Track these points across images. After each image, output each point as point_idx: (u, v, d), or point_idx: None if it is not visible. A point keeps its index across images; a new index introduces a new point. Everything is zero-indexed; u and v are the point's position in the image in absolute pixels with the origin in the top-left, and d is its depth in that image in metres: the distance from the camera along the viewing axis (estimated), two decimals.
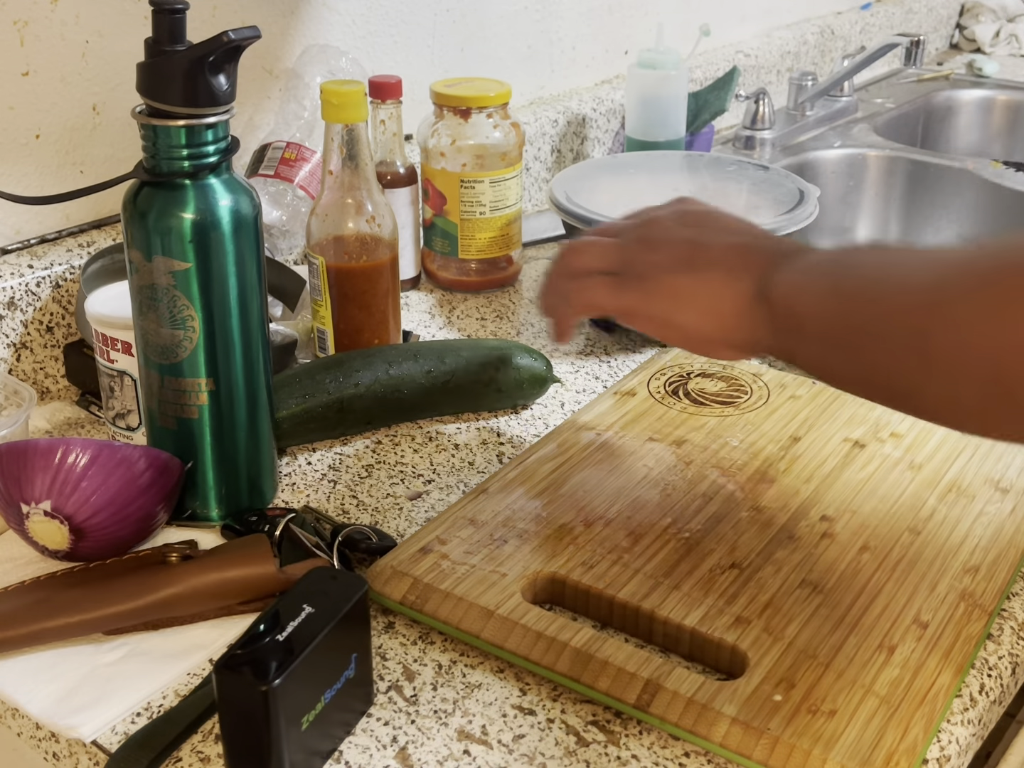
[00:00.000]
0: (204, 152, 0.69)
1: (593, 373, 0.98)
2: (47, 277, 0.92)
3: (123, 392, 0.83)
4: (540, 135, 1.35)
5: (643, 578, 0.68)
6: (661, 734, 0.60)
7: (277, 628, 0.56)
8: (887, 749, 0.56)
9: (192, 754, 0.59)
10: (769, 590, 0.67)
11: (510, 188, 1.10)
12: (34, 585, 0.68)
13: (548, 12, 1.40)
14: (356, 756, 0.59)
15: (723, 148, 1.57)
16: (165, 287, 0.70)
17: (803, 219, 0.99)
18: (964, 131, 1.95)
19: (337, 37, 1.16)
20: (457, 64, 1.30)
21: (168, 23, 0.67)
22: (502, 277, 1.14)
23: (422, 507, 0.79)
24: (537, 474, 0.78)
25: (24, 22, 0.90)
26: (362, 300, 0.90)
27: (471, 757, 0.59)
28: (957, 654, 0.63)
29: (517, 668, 0.64)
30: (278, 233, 1.06)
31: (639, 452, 0.81)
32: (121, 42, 0.96)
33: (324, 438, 0.86)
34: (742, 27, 1.74)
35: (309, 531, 0.73)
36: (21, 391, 0.82)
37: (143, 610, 0.66)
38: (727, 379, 0.91)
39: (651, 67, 1.28)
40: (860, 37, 1.95)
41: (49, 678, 0.63)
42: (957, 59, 2.11)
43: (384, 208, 0.90)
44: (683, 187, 1.09)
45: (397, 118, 1.07)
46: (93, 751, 0.60)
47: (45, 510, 0.68)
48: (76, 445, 0.68)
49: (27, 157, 0.93)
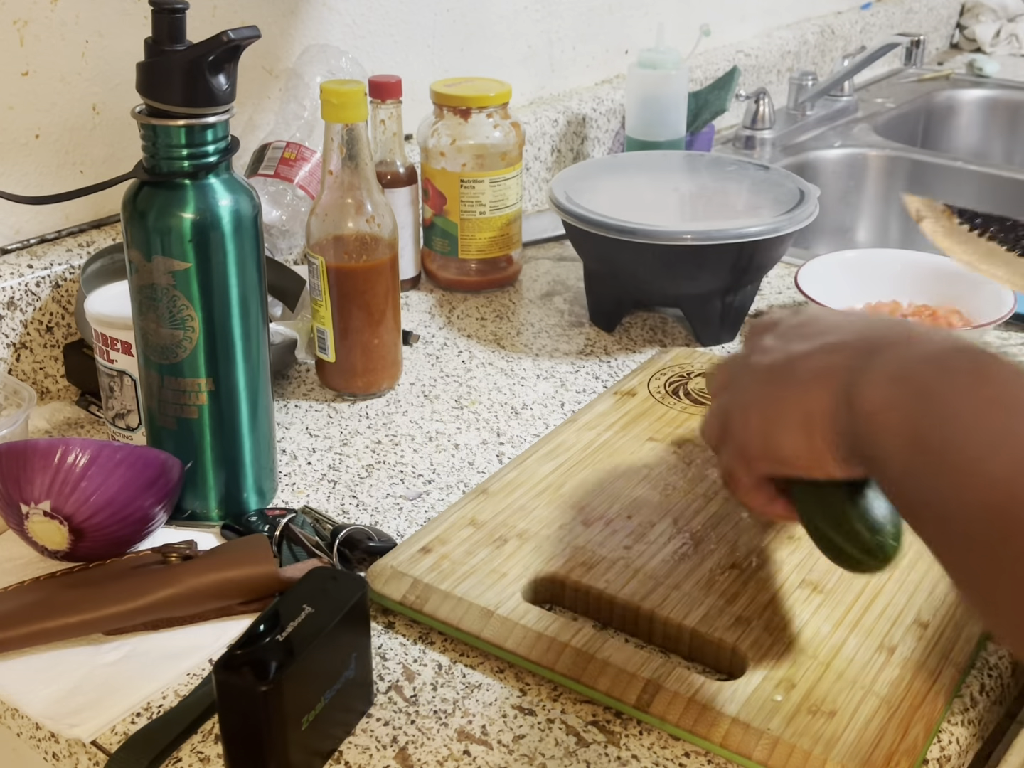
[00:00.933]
0: (204, 152, 0.69)
1: (593, 373, 0.98)
2: (47, 277, 0.92)
3: (123, 392, 0.83)
4: (540, 135, 1.35)
5: (643, 578, 0.67)
6: (661, 734, 0.60)
7: (277, 628, 0.56)
8: (887, 749, 0.56)
9: (192, 754, 0.59)
10: (769, 590, 0.67)
11: (510, 188, 1.10)
12: (34, 585, 0.68)
13: (548, 12, 1.40)
14: (356, 756, 0.59)
15: (723, 148, 1.57)
16: (165, 287, 0.70)
17: (803, 219, 0.99)
18: (964, 131, 1.95)
19: (337, 37, 1.16)
20: (457, 64, 1.30)
21: (168, 23, 0.67)
22: (502, 277, 1.14)
23: (422, 507, 0.79)
24: (537, 474, 0.78)
25: (24, 22, 0.90)
26: (362, 300, 0.90)
27: (471, 757, 0.59)
28: (957, 654, 0.63)
29: (517, 668, 0.64)
30: (278, 233, 1.06)
31: (639, 452, 0.81)
32: (121, 42, 0.96)
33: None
34: (742, 27, 1.74)
35: (309, 531, 0.73)
36: (21, 391, 0.82)
37: (143, 610, 0.66)
38: None
39: (651, 67, 1.28)
40: (860, 37, 1.95)
41: (49, 678, 0.63)
42: (957, 59, 2.11)
43: (384, 208, 0.90)
44: (683, 187, 1.09)
45: (397, 118, 1.07)
46: (93, 751, 0.60)
47: (45, 510, 0.68)
48: (76, 445, 0.68)
49: (27, 157, 0.93)
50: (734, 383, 0.64)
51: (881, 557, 0.59)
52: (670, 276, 0.99)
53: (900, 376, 0.52)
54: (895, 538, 0.59)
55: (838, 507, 0.59)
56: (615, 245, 0.97)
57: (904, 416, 0.50)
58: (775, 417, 0.59)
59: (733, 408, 0.63)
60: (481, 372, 0.98)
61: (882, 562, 0.59)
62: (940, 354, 0.52)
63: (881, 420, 0.52)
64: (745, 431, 0.61)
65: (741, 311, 1.03)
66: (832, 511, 0.60)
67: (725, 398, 0.65)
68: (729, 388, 0.64)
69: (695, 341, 1.03)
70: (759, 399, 0.61)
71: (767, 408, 0.60)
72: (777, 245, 0.99)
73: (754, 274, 1.00)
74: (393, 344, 0.93)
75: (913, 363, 0.52)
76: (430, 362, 1.00)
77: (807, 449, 0.58)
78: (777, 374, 0.60)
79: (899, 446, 0.50)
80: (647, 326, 1.06)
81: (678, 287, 1.00)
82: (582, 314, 1.09)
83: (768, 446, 0.60)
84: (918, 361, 0.52)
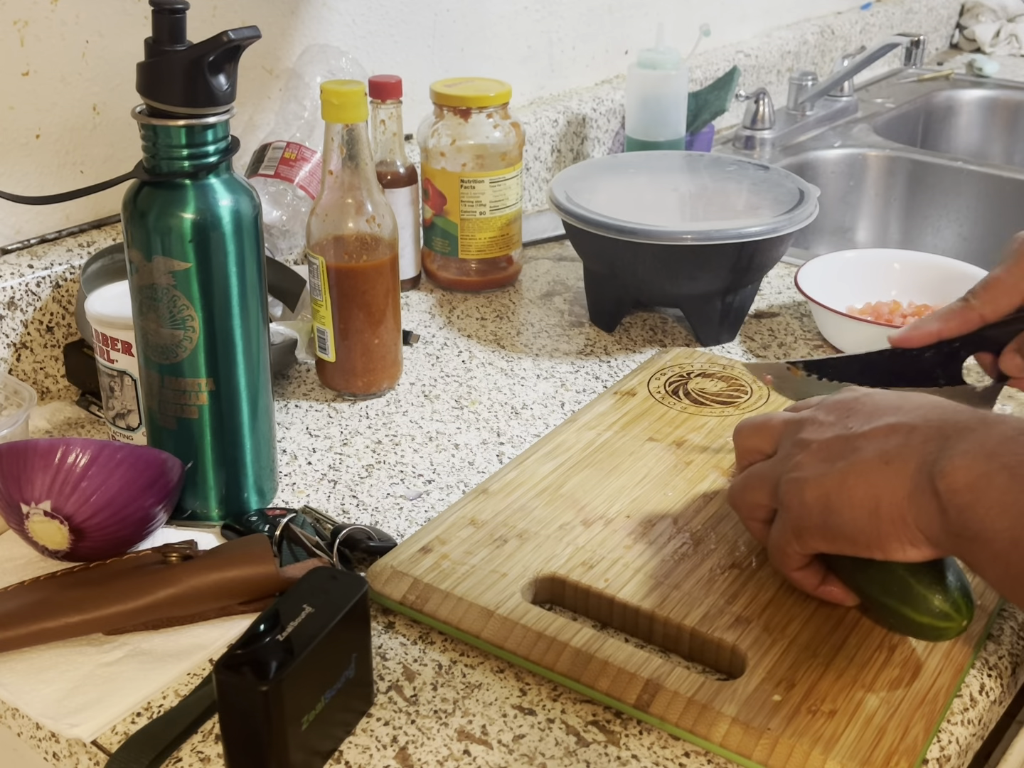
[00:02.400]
0: (204, 152, 0.69)
1: (593, 373, 0.98)
2: (47, 277, 0.92)
3: (123, 392, 0.83)
4: (540, 135, 1.35)
5: (643, 578, 0.68)
6: (661, 734, 0.60)
7: (277, 628, 0.56)
8: (887, 749, 0.56)
9: (192, 754, 0.59)
10: (769, 590, 0.67)
11: (510, 188, 1.10)
12: (34, 585, 0.68)
13: (548, 12, 1.40)
14: (356, 756, 0.59)
15: (723, 148, 1.57)
16: (165, 287, 0.70)
17: (803, 219, 0.99)
18: (964, 131, 1.95)
19: (337, 37, 1.16)
20: (457, 64, 1.30)
21: (168, 23, 0.67)
22: (502, 277, 1.14)
23: (422, 507, 0.79)
24: (537, 474, 0.78)
25: (24, 22, 0.90)
26: (362, 300, 0.90)
27: (471, 757, 0.59)
28: (957, 654, 0.63)
29: (517, 668, 0.64)
30: (278, 233, 1.06)
31: (639, 452, 0.81)
32: (121, 42, 0.96)
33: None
34: (742, 27, 1.74)
35: (309, 531, 0.73)
36: (21, 391, 0.82)
37: (143, 610, 0.66)
38: (727, 379, 0.91)
39: (651, 67, 1.28)
40: (860, 37, 1.95)
41: (49, 678, 0.63)
42: (957, 59, 2.11)
43: (384, 208, 0.90)
44: (683, 187, 1.09)
45: (397, 118, 1.07)
46: (93, 751, 0.60)
47: (45, 510, 0.68)
48: (76, 445, 0.68)
49: (27, 157, 0.93)
50: (784, 456, 0.63)
51: (961, 616, 0.59)
52: (670, 276, 0.99)
53: (987, 454, 0.53)
54: (965, 594, 0.59)
55: (903, 580, 0.60)
56: (615, 245, 0.97)
57: (1002, 491, 0.52)
58: (837, 495, 0.58)
59: (786, 482, 0.61)
60: (481, 372, 0.98)
61: (963, 620, 0.59)
62: (1021, 432, 0.54)
63: (975, 498, 0.52)
64: (801, 507, 0.60)
65: (741, 311, 1.03)
66: (898, 586, 0.60)
67: (767, 468, 0.64)
68: (778, 461, 0.63)
69: (695, 341, 1.03)
70: (818, 476, 0.60)
71: (828, 485, 0.59)
72: (777, 245, 0.99)
73: (754, 274, 1.00)
74: (393, 344, 0.93)
75: (996, 442, 0.54)
76: (430, 362, 1.00)
77: (872, 530, 0.57)
78: (837, 452, 0.60)
79: (1004, 520, 0.51)
80: (647, 326, 1.06)
81: (678, 287, 1.00)
82: (582, 314, 1.09)
83: (828, 524, 0.59)
84: (1001, 441, 0.54)
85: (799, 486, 0.60)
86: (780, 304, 1.11)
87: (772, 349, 1.01)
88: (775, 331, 1.05)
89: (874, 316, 1.01)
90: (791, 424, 0.65)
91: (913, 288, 1.06)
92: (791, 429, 0.65)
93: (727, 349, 1.01)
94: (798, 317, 1.08)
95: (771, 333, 1.05)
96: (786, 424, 0.66)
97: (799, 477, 0.61)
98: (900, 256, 1.09)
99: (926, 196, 1.62)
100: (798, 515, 0.61)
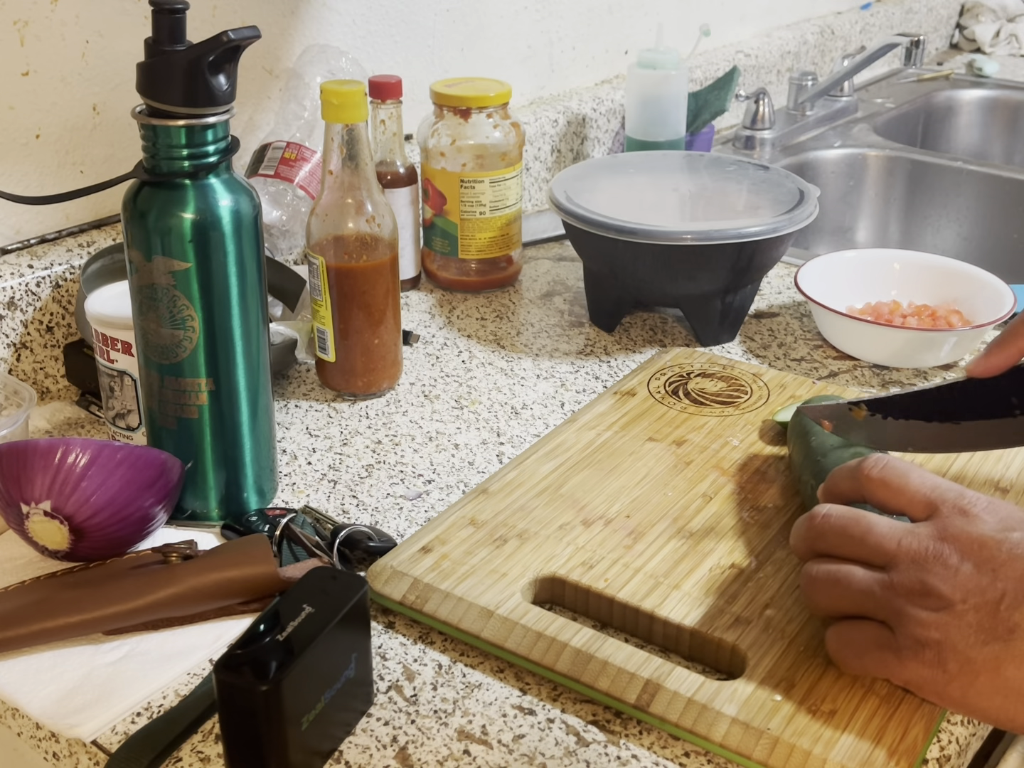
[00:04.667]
0: (204, 152, 0.69)
1: (593, 373, 0.98)
2: (47, 277, 0.92)
3: (123, 392, 0.83)
4: (540, 135, 1.35)
5: (643, 578, 0.68)
6: (661, 734, 0.60)
7: (277, 628, 0.56)
8: (887, 749, 0.56)
9: (192, 754, 0.59)
10: (769, 590, 0.67)
11: (510, 188, 1.11)
12: (34, 585, 0.68)
13: (548, 12, 1.40)
14: (356, 756, 0.59)
15: (723, 148, 1.57)
16: (165, 287, 0.70)
17: (803, 219, 0.99)
18: (964, 131, 1.95)
19: (337, 37, 1.16)
20: (457, 64, 1.30)
21: (168, 23, 0.67)
22: (502, 277, 1.14)
23: (422, 507, 0.79)
24: (537, 474, 0.78)
25: (24, 22, 0.90)
26: (362, 300, 0.90)
27: (471, 757, 0.59)
28: None
29: (517, 668, 0.64)
30: (278, 233, 1.06)
31: (639, 452, 0.81)
32: (121, 42, 0.96)
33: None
34: (742, 27, 1.75)
35: (309, 531, 0.73)
36: (21, 391, 0.82)
37: (143, 610, 0.66)
38: (727, 379, 0.91)
39: (651, 67, 1.28)
40: (860, 37, 1.95)
41: (49, 678, 0.63)
42: (957, 59, 2.11)
43: (384, 208, 0.90)
44: (683, 187, 1.09)
45: (397, 118, 1.07)
46: (93, 751, 0.60)
47: (45, 510, 0.68)
48: (76, 445, 0.68)
49: (27, 157, 0.93)
50: (908, 590, 0.55)
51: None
52: (670, 276, 0.99)
53: None
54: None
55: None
56: (615, 245, 0.97)
57: None
58: (989, 680, 0.53)
59: (913, 637, 0.55)
60: (481, 372, 0.98)
61: None
62: None
63: None
64: (938, 673, 0.54)
65: (741, 311, 1.03)
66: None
67: (876, 587, 0.56)
68: (895, 590, 0.55)
69: (695, 341, 1.03)
70: (964, 650, 0.53)
71: (977, 668, 0.53)
72: (777, 245, 0.99)
73: (754, 274, 1.00)
74: (393, 344, 0.93)
75: None
76: (430, 362, 1.00)
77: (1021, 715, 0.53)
78: (987, 627, 0.53)
79: None
80: (647, 326, 1.06)
81: (678, 287, 1.00)
82: (582, 314, 1.09)
83: (966, 700, 0.54)
84: None
85: (939, 654, 0.54)
86: (780, 304, 1.11)
87: (772, 349, 1.01)
88: (775, 331, 1.05)
89: (874, 316, 1.01)
90: (915, 544, 0.56)
91: (913, 288, 1.06)
92: (915, 552, 0.55)
93: (727, 349, 1.01)
94: (798, 317, 1.08)
95: (771, 333, 1.05)
96: (912, 536, 0.56)
97: (936, 641, 0.54)
98: (900, 256, 1.09)
99: (926, 196, 1.62)
100: (931, 679, 0.55)
